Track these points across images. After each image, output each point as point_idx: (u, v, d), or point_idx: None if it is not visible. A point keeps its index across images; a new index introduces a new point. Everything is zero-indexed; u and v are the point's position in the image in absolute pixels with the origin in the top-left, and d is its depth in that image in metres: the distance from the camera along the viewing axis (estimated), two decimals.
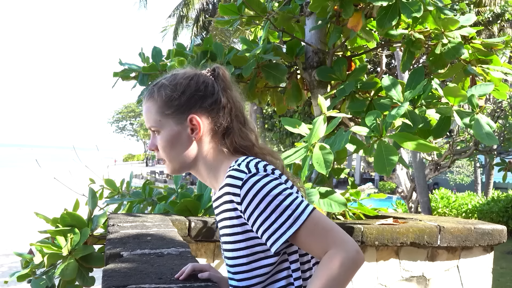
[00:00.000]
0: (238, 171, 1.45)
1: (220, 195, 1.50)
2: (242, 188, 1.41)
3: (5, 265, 12.24)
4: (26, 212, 6.65)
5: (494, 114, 10.08)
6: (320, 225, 1.39)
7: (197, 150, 1.58)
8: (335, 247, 1.35)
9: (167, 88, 1.57)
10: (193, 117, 1.56)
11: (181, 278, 1.64)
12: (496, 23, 14.65)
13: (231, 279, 1.56)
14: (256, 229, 1.42)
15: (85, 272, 2.85)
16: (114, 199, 3.89)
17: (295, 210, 1.38)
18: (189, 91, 1.57)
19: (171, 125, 1.55)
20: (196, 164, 1.60)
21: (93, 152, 5.37)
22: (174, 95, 1.56)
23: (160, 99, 1.56)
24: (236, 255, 1.49)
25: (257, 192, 1.40)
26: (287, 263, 1.50)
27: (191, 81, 1.59)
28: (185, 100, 1.56)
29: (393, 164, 2.66)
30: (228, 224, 1.49)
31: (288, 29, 4.00)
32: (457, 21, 3.28)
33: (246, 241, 1.47)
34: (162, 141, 1.57)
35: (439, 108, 3.01)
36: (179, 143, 1.56)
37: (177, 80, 1.59)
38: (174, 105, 1.55)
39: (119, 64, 4.05)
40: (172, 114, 1.55)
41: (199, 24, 22.43)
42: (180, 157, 1.57)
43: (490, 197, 16.06)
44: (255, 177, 1.42)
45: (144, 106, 1.60)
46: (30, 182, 37.14)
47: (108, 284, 1.56)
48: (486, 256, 3.83)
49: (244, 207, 1.42)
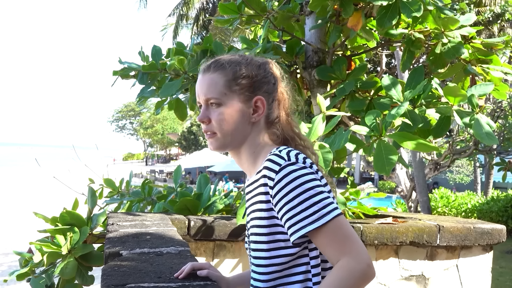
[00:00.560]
0: (278, 157, 1.48)
1: (257, 178, 1.53)
2: (278, 173, 1.44)
3: (4, 264, 12.23)
4: (25, 211, 6.65)
5: (494, 114, 10.07)
6: (342, 231, 1.40)
7: (249, 131, 1.60)
8: (349, 257, 1.36)
9: (241, 65, 1.60)
10: (260, 99, 1.60)
11: (180, 277, 1.65)
12: (496, 23, 14.65)
13: (252, 264, 1.58)
14: (281, 216, 1.44)
15: (85, 271, 2.85)
16: (113, 199, 3.89)
17: (322, 208, 1.40)
18: (261, 74, 1.62)
19: (235, 101, 1.58)
20: (241, 145, 1.62)
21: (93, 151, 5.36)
22: (247, 74, 1.59)
23: (232, 74, 1.58)
24: (258, 240, 1.51)
25: (291, 180, 1.42)
26: (307, 258, 1.51)
27: (262, 66, 1.64)
28: (256, 81, 1.60)
29: (393, 164, 2.66)
30: (257, 207, 1.51)
31: (288, 28, 4.00)
32: (457, 21, 3.28)
33: (269, 227, 1.48)
34: (221, 114, 1.57)
35: (439, 108, 3.01)
36: (237, 121, 1.58)
37: (251, 61, 1.63)
38: (245, 83, 1.58)
39: (118, 63, 4.04)
40: (240, 91, 1.58)
41: (199, 23, 22.41)
42: (233, 134, 1.59)
43: (490, 197, 16.06)
44: (293, 166, 1.45)
45: (208, 77, 1.60)
46: (29, 181, 37.13)
47: (107, 283, 1.56)
48: (485, 255, 3.83)
49: (275, 192, 1.44)
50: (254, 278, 1.56)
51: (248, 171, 1.65)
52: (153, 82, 3.91)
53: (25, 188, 32.29)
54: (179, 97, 3.98)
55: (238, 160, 1.66)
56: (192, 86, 3.82)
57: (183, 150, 56.26)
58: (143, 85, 3.94)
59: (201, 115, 1.59)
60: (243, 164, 1.66)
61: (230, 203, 3.76)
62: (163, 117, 66.55)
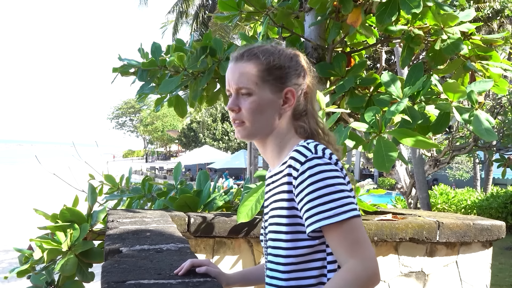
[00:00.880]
0: (306, 149, 1.50)
1: (281, 169, 1.55)
2: (303, 164, 1.46)
3: (5, 261, 12.25)
4: (25, 208, 6.65)
5: (493, 110, 10.07)
6: (355, 233, 1.41)
7: (277, 122, 1.61)
8: (358, 261, 1.37)
9: (274, 55, 1.61)
10: (291, 91, 1.60)
11: (180, 274, 1.65)
12: (495, 19, 14.63)
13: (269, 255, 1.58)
14: (300, 207, 1.45)
15: (85, 268, 2.86)
16: (113, 195, 3.90)
17: (340, 206, 1.40)
18: (292, 65, 1.62)
19: (266, 92, 1.59)
20: (268, 136, 1.63)
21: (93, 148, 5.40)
22: (280, 65, 1.60)
23: (266, 64, 1.59)
24: (278, 230, 1.52)
25: (315, 173, 1.43)
26: (324, 254, 1.51)
27: (294, 57, 1.64)
28: (287, 73, 1.61)
29: (393, 161, 2.66)
30: (280, 197, 1.53)
31: (288, 25, 3.99)
32: (456, 17, 3.27)
33: (290, 218, 1.49)
34: (252, 104, 1.58)
35: (438, 104, 3.01)
36: (267, 111, 1.59)
37: (283, 52, 1.63)
38: (277, 74, 1.59)
39: (118, 60, 4.04)
40: (271, 82, 1.59)
41: (198, 20, 22.39)
42: (262, 124, 1.60)
43: (489, 193, 16.07)
44: (319, 160, 1.46)
45: (240, 65, 1.60)
46: (29, 178, 37.14)
47: (107, 280, 1.56)
48: (485, 251, 3.84)
49: (298, 182, 1.45)
50: (271, 269, 1.57)
51: (271, 162, 1.66)
52: (152, 79, 3.91)
53: (25, 185, 32.31)
54: (179, 94, 3.98)
55: (263, 150, 1.67)
56: (192, 82, 3.82)
57: (183, 147, 56.25)
58: (143, 82, 3.94)
59: (231, 103, 1.60)
60: (267, 154, 1.66)
61: (230, 200, 3.77)
62: (163, 114, 66.53)
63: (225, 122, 45.85)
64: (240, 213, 2.90)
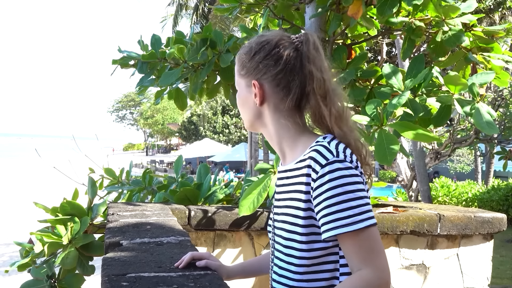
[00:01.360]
0: (327, 150, 1.45)
1: (299, 167, 1.50)
2: (324, 167, 1.41)
3: (6, 254, 12.28)
4: (26, 202, 6.66)
5: (495, 103, 10.04)
6: (371, 242, 1.39)
7: (263, 115, 1.60)
8: (371, 270, 1.35)
9: (245, 49, 1.61)
10: (254, 83, 1.57)
11: (180, 267, 1.65)
12: (497, 11, 14.57)
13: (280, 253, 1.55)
14: (318, 211, 1.42)
15: (85, 261, 2.86)
16: (113, 188, 3.89)
17: (358, 214, 1.37)
18: (258, 56, 1.57)
19: (243, 86, 1.62)
20: (265, 128, 1.63)
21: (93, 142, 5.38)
22: (246, 58, 1.59)
23: (239, 59, 1.62)
24: (293, 230, 1.49)
25: (335, 177, 1.39)
26: (336, 256, 1.49)
27: (265, 46, 1.57)
28: (253, 65, 1.57)
29: (394, 154, 2.65)
30: (296, 197, 1.49)
31: (288, 17, 3.97)
32: (458, 9, 3.25)
33: (305, 219, 1.46)
34: (237, 99, 1.65)
35: (440, 97, 2.99)
36: (246, 105, 1.62)
37: (251, 44, 1.61)
38: (246, 67, 1.59)
39: (118, 52, 4.03)
40: (244, 76, 1.60)
41: (198, 12, 22.34)
42: (246, 118, 1.65)
43: (490, 186, 16.08)
44: (340, 164, 1.41)
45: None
46: (29, 172, 37.18)
47: (107, 273, 1.56)
48: (486, 244, 3.83)
49: (317, 185, 1.42)
50: (281, 267, 1.54)
51: (281, 155, 1.63)
52: (152, 71, 3.89)
53: (25, 178, 32.35)
54: (179, 86, 3.96)
55: (270, 141, 1.66)
56: (192, 75, 3.80)
57: (183, 140, 56.30)
58: (143, 75, 3.92)
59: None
60: (274, 146, 1.65)
61: (231, 193, 3.76)
62: (163, 107, 66.54)
63: (226, 115, 45.84)
64: (242, 206, 2.90)
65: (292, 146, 1.57)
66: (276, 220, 1.61)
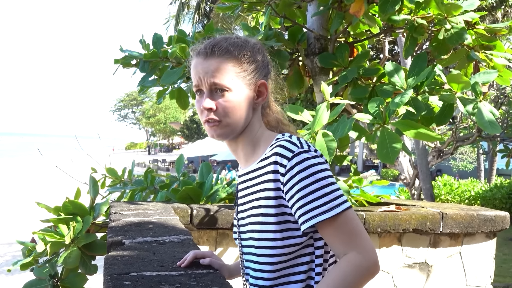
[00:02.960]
0: (290, 143, 1.45)
1: (262, 166, 1.50)
2: (291, 160, 1.41)
3: (8, 253, 12.30)
4: (28, 201, 6.68)
5: (497, 101, 10.02)
6: (350, 225, 1.39)
7: (251, 117, 1.56)
8: (357, 252, 1.36)
9: (245, 49, 1.55)
10: (263, 83, 1.56)
11: (183, 266, 1.64)
12: (500, 9, 14.52)
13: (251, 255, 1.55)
14: (292, 204, 1.41)
15: (88, 260, 2.86)
16: (116, 187, 3.89)
17: (333, 200, 1.38)
18: (262, 57, 1.58)
19: (242, 87, 1.52)
20: (242, 132, 1.56)
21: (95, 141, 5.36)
22: (252, 58, 1.55)
23: (241, 58, 1.53)
24: (264, 229, 1.48)
25: (305, 168, 1.39)
26: (312, 248, 1.49)
27: (261, 49, 1.60)
28: (259, 65, 1.56)
29: (397, 152, 2.65)
30: (263, 195, 1.48)
31: (290, 15, 3.97)
32: (460, 6, 3.24)
33: (277, 216, 1.45)
34: (228, 101, 1.50)
35: (442, 95, 2.99)
36: (243, 106, 1.52)
37: (251, 44, 1.58)
38: (250, 68, 1.54)
39: (120, 51, 4.02)
40: (246, 76, 1.53)
41: (200, 11, 22.34)
42: (238, 122, 1.52)
43: (493, 184, 16.05)
44: (306, 154, 1.42)
45: (213, 61, 1.51)
46: (32, 171, 37.24)
47: (110, 272, 1.56)
48: (488, 242, 3.82)
49: (287, 179, 1.41)
50: (256, 269, 1.53)
51: (244, 159, 1.61)
52: (154, 71, 3.89)
53: (28, 178, 32.40)
54: (181, 86, 3.96)
55: (234, 148, 1.61)
56: None
57: (185, 139, 56.35)
58: (144, 74, 3.92)
59: (207, 103, 1.50)
60: (238, 152, 1.61)
61: (233, 191, 3.76)
62: (165, 106, 66.60)
63: None
64: None
65: (256, 146, 1.57)
66: (242, 225, 1.60)
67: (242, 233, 1.61)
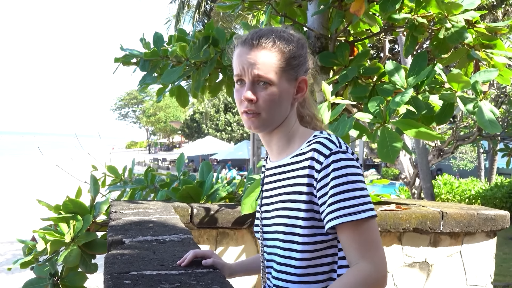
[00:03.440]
0: (330, 141, 1.45)
1: (297, 161, 1.50)
2: (328, 157, 1.42)
3: (9, 252, 12.31)
4: (28, 200, 6.68)
5: (497, 100, 10.01)
6: (370, 234, 1.39)
7: (288, 112, 1.56)
8: (369, 262, 1.36)
9: (292, 44, 1.53)
10: (304, 79, 1.56)
11: (183, 265, 1.64)
12: (500, 7, 14.49)
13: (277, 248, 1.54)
14: (322, 201, 1.42)
15: (88, 259, 2.86)
16: (116, 186, 3.89)
17: (361, 204, 1.38)
18: (303, 53, 1.57)
19: (283, 81, 1.51)
20: (279, 126, 1.56)
21: (96, 139, 5.37)
22: (297, 53, 1.54)
23: (286, 53, 1.51)
24: (292, 223, 1.47)
25: (340, 167, 1.40)
26: (335, 249, 1.49)
27: (304, 45, 1.59)
28: (302, 61, 1.55)
29: (397, 151, 2.64)
30: (295, 190, 1.48)
31: (290, 14, 3.96)
32: (460, 5, 3.24)
33: (308, 212, 1.45)
34: (269, 94, 1.49)
35: (443, 94, 2.98)
36: (283, 101, 1.52)
37: (296, 39, 1.56)
38: (294, 63, 1.53)
39: (120, 50, 4.03)
40: (289, 71, 1.52)
41: (200, 10, 22.31)
42: (277, 116, 1.52)
43: (494, 183, 16.05)
44: (343, 154, 1.42)
45: (259, 53, 1.50)
46: (32, 170, 37.24)
47: (110, 271, 1.56)
48: (489, 241, 3.82)
49: (321, 176, 1.42)
50: (281, 263, 1.52)
51: (276, 153, 1.60)
52: (154, 69, 3.89)
53: (28, 176, 32.40)
54: (181, 84, 3.96)
55: (268, 141, 1.60)
56: (194, 73, 3.80)
57: (186, 138, 56.33)
58: (145, 72, 3.92)
59: (249, 94, 1.48)
60: (272, 145, 1.60)
61: (233, 190, 3.76)
62: (166, 105, 66.59)
63: (228, 113, 45.83)
64: (244, 204, 2.89)
65: (291, 140, 1.57)
66: (266, 218, 1.60)
67: (265, 226, 1.60)
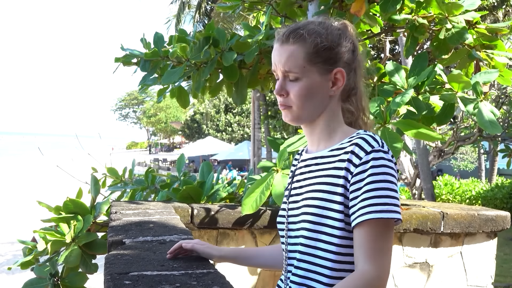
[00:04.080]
0: (373, 139, 1.45)
1: (335, 154, 1.49)
2: (369, 154, 1.41)
3: (9, 252, 12.32)
4: (29, 200, 6.69)
5: (498, 100, 10.01)
6: (385, 238, 1.38)
7: (326, 105, 1.55)
8: (374, 268, 1.35)
9: (322, 36, 1.51)
10: (340, 71, 1.53)
11: (168, 253, 1.72)
12: (501, 8, 14.50)
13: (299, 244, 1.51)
14: (354, 196, 1.41)
15: (88, 259, 2.86)
16: (116, 187, 3.89)
17: (391, 205, 1.37)
18: (341, 43, 1.54)
19: (314, 75, 1.50)
20: (317, 119, 1.56)
21: (96, 140, 5.37)
22: (327, 45, 1.51)
23: (314, 46, 1.50)
24: (326, 214, 1.45)
25: (379, 165, 1.40)
26: None
27: (343, 33, 1.56)
28: (336, 52, 1.53)
29: (398, 152, 2.64)
30: (329, 181, 1.47)
31: (291, 15, 3.96)
32: (461, 6, 3.24)
33: (342, 205, 1.43)
34: (300, 89, 1.50)
35: (443, 95, 2.98)
36: (316, 94, 1.52)
37: (331, 30, 1.54)
38: (324, 55, 1.51)
39: (121, 50, 4.03)
40: (319, 64, 1.51)
41: (201, 10, 22.33)
42: (309, 109, 1.53)
43: (494, 184, 16.05)
44: (384, 154, 1.42)
45: (287, 48, 1.51)
46: (33, 170, 37.26)
47: (110, 271, 1.56)
48: (489, 242, 3.82)
49: (358, 171, 1.41)
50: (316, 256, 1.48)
51: (316, 143, 1.59)
52: (155, 70, 3.89)
53: (29, 177, 32.42)
54: (181, 84, 3.96)
55: (310, 132, 1.60)
56: (195, 73, 3.80)
57: (186, 138, 56.36)
58: (145, 73, 3.92)
59: (278, 88, 1.53)
60: (313, 136, 1.59)
61: (234, 191, 3.76)
62: (166, 106, 66.65)
63: (228, 113, 45.87)
64: (245, 205, 2.89)
65: (332, 134, 1.55)
66: (294, 208, 1.57)
67: (291, 217, 1.58)
